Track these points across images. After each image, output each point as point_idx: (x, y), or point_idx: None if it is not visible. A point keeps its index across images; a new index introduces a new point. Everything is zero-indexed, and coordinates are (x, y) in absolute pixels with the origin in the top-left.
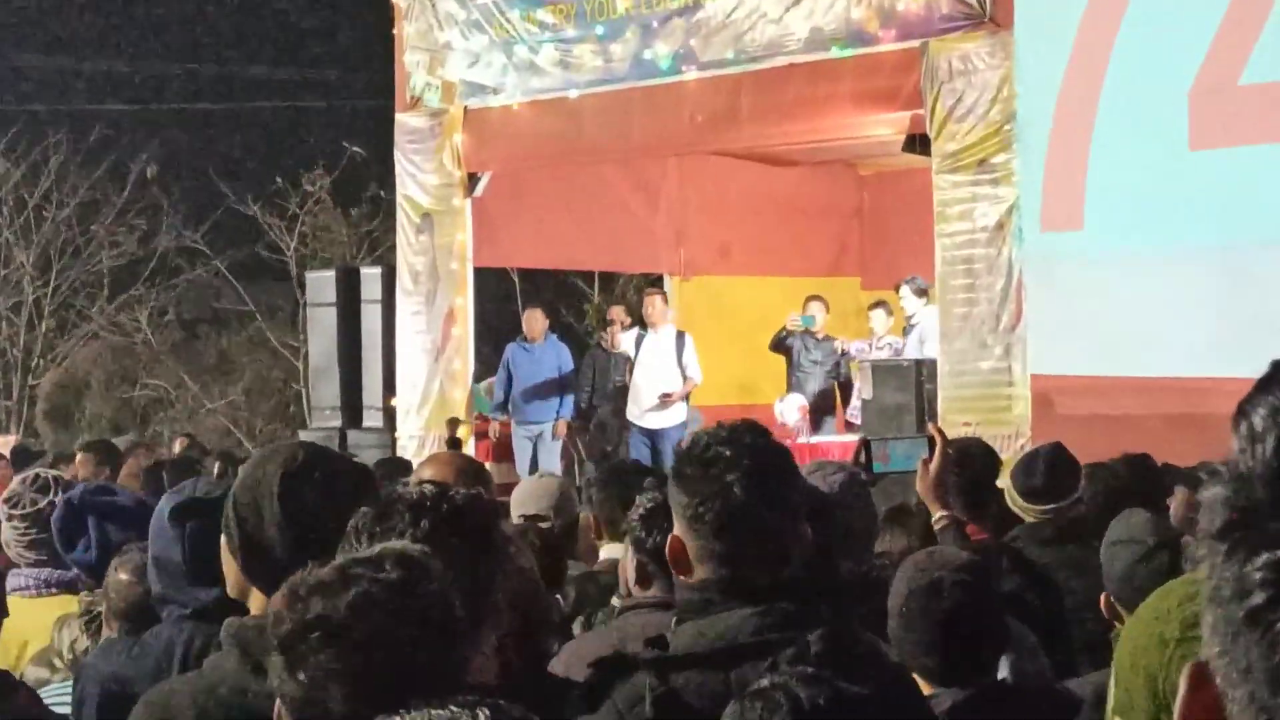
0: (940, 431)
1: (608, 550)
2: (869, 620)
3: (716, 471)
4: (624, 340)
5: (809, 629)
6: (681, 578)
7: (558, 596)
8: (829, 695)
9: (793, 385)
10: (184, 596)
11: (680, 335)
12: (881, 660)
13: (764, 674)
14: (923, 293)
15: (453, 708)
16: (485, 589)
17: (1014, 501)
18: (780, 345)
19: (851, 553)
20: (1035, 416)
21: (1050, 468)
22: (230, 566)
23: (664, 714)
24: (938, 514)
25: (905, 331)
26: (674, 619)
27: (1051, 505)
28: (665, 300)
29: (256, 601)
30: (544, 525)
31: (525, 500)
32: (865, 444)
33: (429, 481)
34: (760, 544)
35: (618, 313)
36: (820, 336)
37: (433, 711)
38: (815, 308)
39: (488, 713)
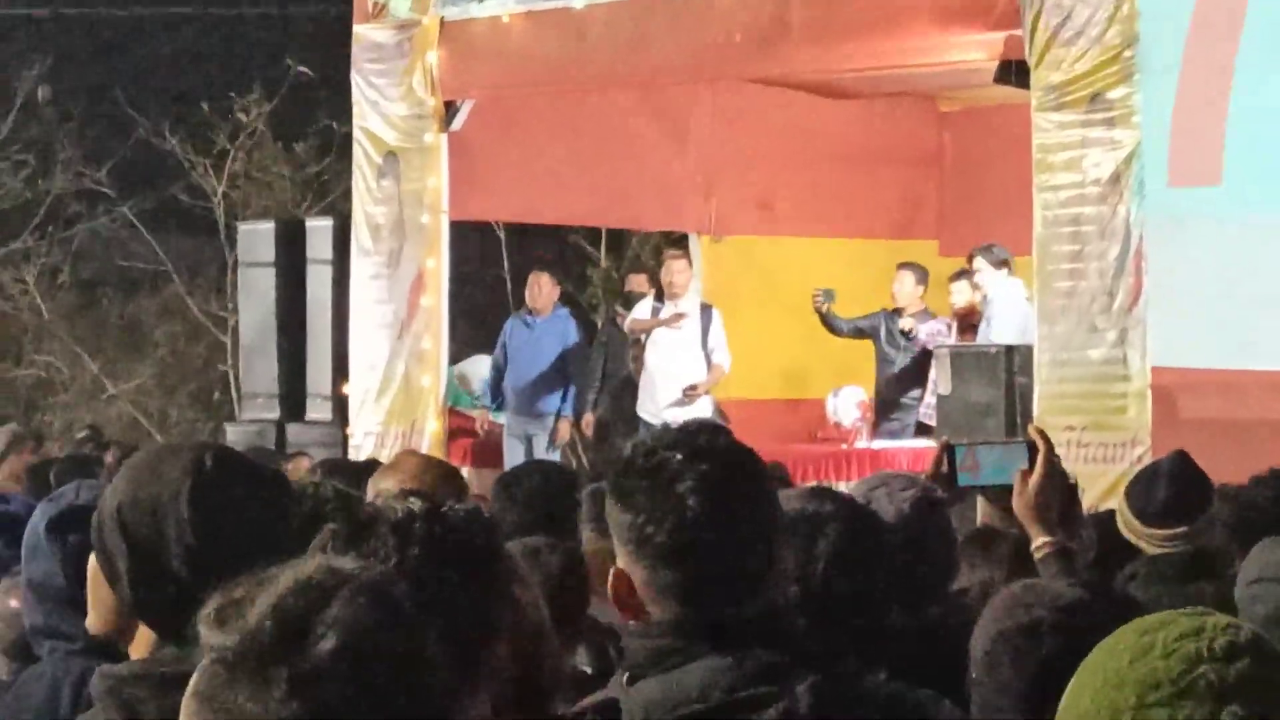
0: (1043, 435)
1: None
2: (942, 674)
3: (664, 481)
4: (638, 312)
5: (797, 679)
6: (631, 623)
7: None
8: None
9: (884, 381)
10: (69, 628)
11: (706, 310)
12: (900, 713)
13: None
14: (1004, 264)
15: None
16: (485, 634)
17: (1128, 527)
18: (859, 331)
19: (925, 592)
20: (1157, 420)
21: (1173, 481)
22: (104, 597)
23: None
24: (1039, 540)
25: (973, 317)
26: (624, 675)
27: (1176, 530)
28: (690, 265)
29: (142, 642)
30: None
31: None
32: (948, 449)
33: (413, 493)
34: (725, 571)
35: (639, 282)
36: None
37: None
38: (905, 277)
39: None
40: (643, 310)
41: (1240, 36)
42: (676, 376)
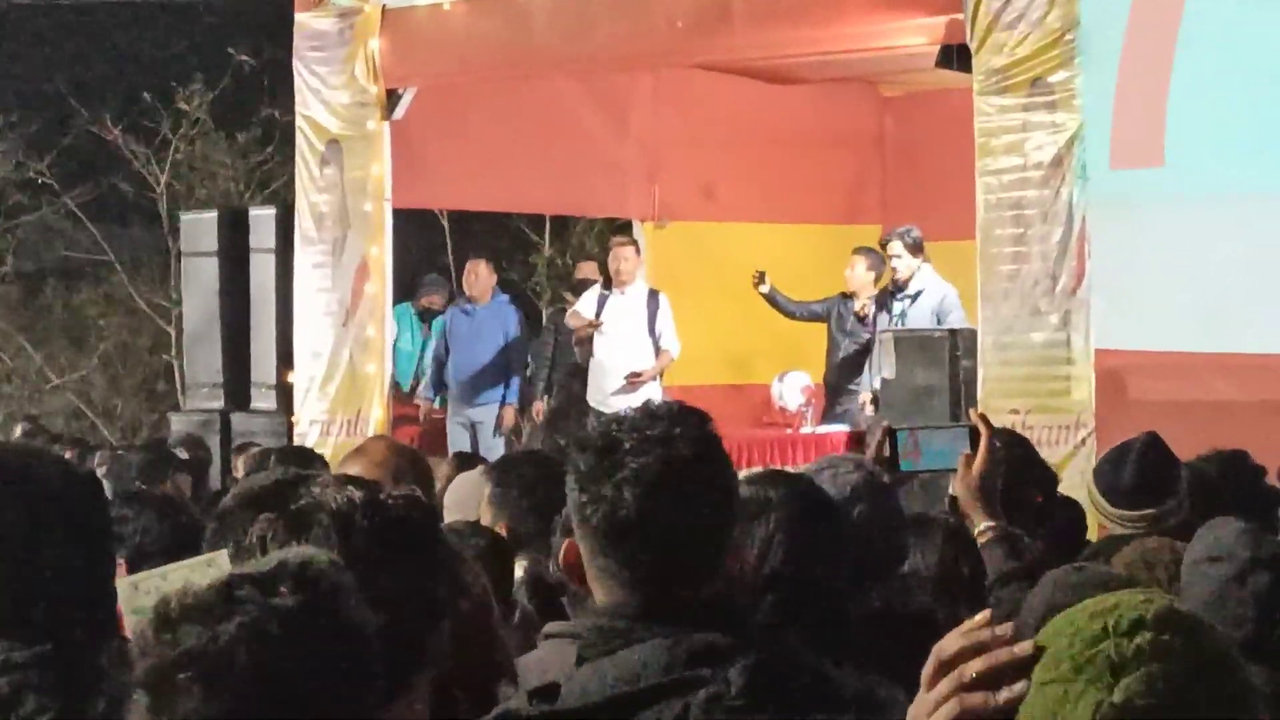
0: (985, 420)
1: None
2: (889, 658)
3: (609, 468)
4: (584, 303)
5: (732, 661)
6: (587, 601)
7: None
8: None
9: (833, 366)
10: None
11: (654, 295)
12: (832, 695)
13: None
14: (918, 246)
15: None
16: (427, 620)
17: (1097, 507)
18: (813, 314)
19: (871, 575)
20: (1101, 402)
21: (1141, 462)
22: None
23: None
24: (983, 524)
25: (890, 297)
26: (575, 658)
27: (1144, 512)
28: (638, 251)
29: None
30: (495, 534)
31: (465, 502)
32: (890, 434)
33: (355, 481)
34: (665, 559)
35: (589, 270)
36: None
37: None
38: (858, 263)
39: None
40: (589, 299)
41: (1181, 17)
42: (624, 364)
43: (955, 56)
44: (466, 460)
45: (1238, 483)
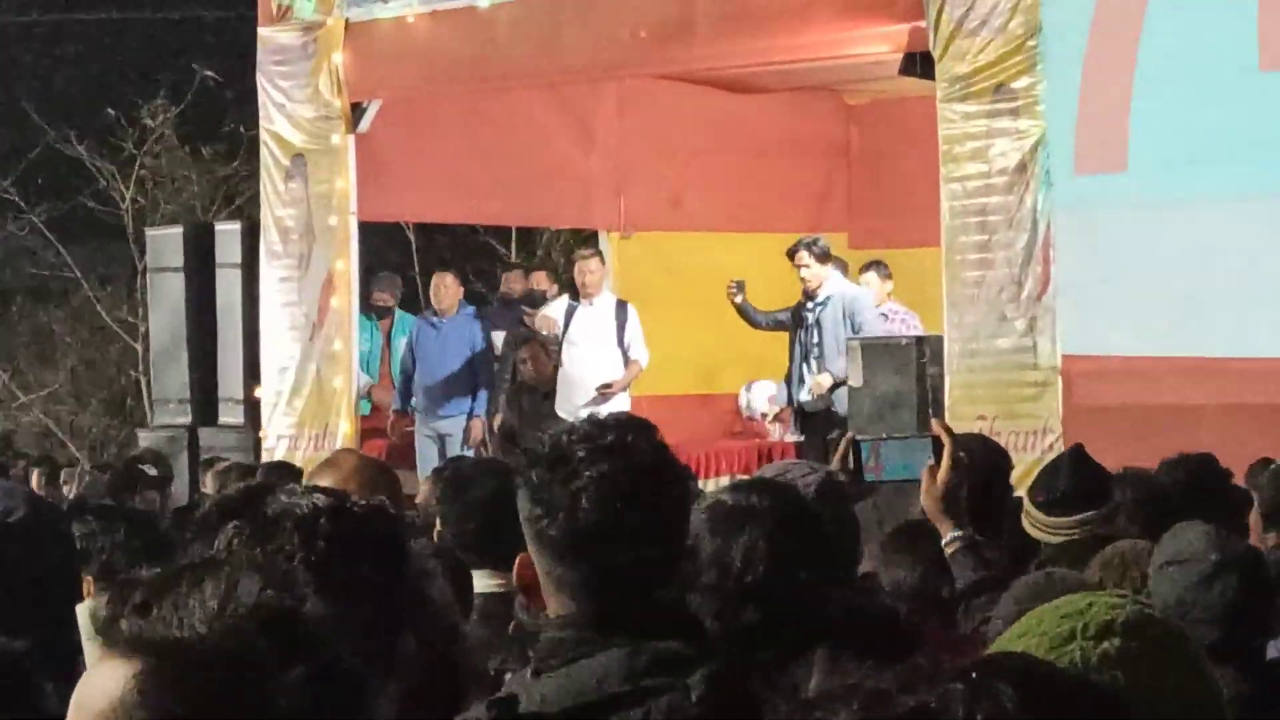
0: (948, 430)
1: None
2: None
3: (563, 476)
4: (553, 311)
5: (692, 670)
6: (541, 615)
7: None
8: None
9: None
10: None
11: (621, 306)
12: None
13: None
14: (826, 255)
15: None
16: (392, 628)
17: (1031, 521)
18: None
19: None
20: (1068, 408)
21: (1073, 471)
22: None
23: None
24: (949, 535)
25: (802, 307)
26: (529, 670)
27: (1078, 516)
28: (603, 263)
29: None
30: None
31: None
32: (854, 445)
33: (322, 490)
34: (620, 569)
35: (539, 279)
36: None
37: None
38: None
39: None
40: (557, 308)
41: (1143, 23)
42: (594, 375)
43: (919, 64)
44: None
45: (1206, 486)
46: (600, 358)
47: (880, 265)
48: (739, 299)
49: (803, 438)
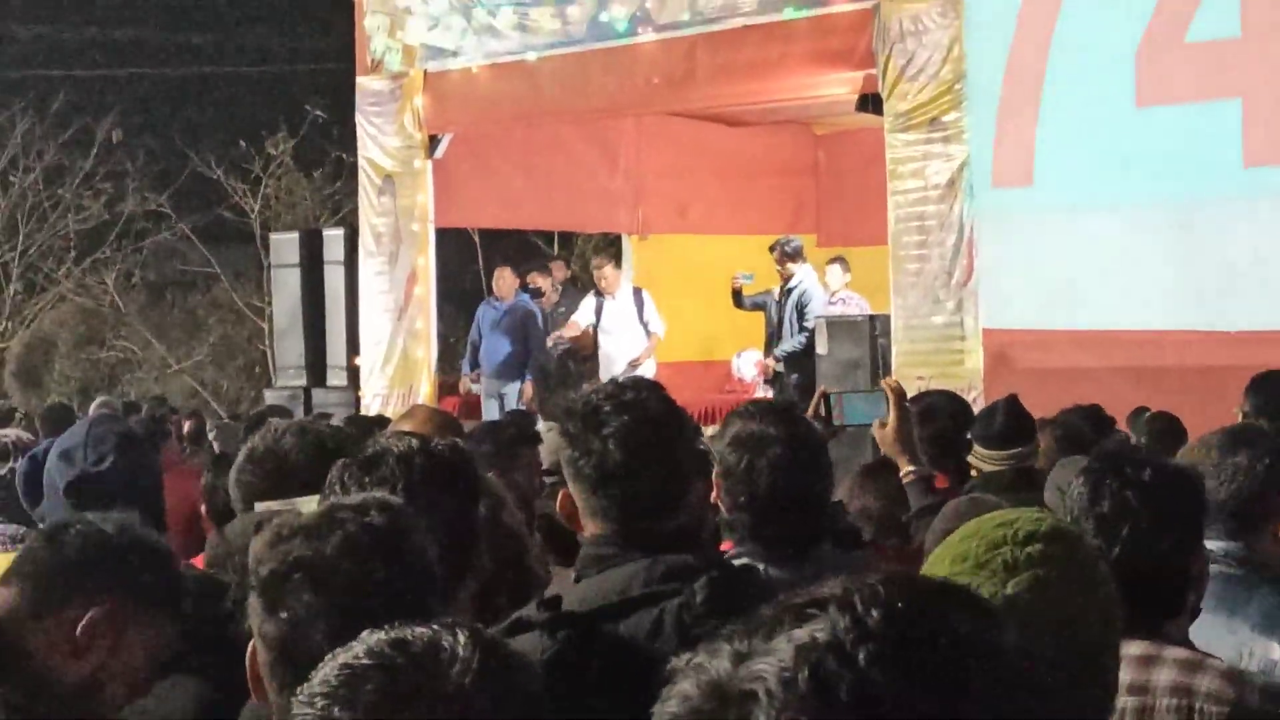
0: (894, 387)
1: None
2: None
3: (594, 425)
4: (583, 308)
5: (697, 578)
6: (582, 536)
7: None
8: None
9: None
10: None
11: (637, 293)
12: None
13: (650, 625)
14: (797, 252)
15: (434, 627)
16: (468, 539)
17: (974, 453)
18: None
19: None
20: (988, 370)
21: (1008, 415)
22: None
23: (555, 674)
24: (905, 469)
25: (780, 295)
26: (573, 575)
27: (1010, 451)
28: (616, 265)
29: None
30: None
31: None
32: (824, 397)
33: (411, 434)
34: (641, 497)
35: (558, 267)
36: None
37: (415, 629)
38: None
39: (467, 634)
40: (587, 307)
41: (1045, 71)
42: (625, 352)
43: (870, 103)
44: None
45: (1096, 430)
46: (629, 339)
47: (842, 260)
48: (738, 284)
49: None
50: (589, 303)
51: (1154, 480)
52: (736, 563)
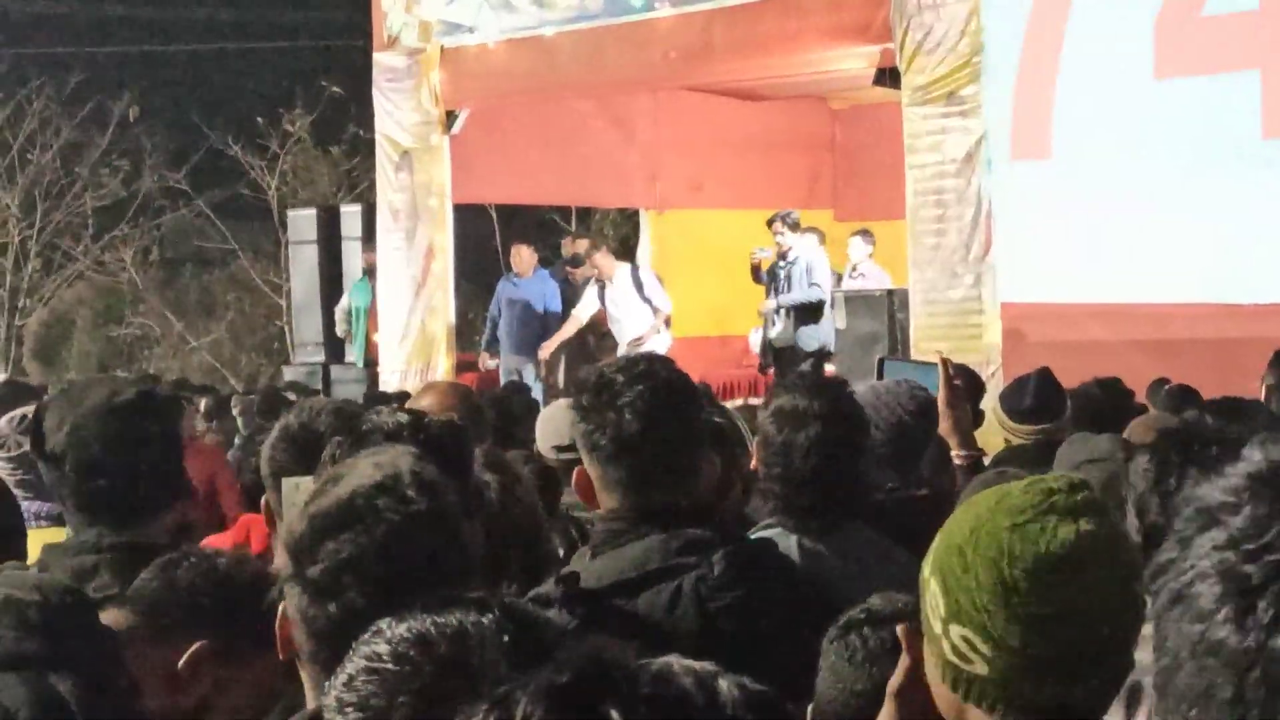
0: (945, 361)
1: None
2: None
3: (608, 399)
4: (586, 299)
5: (714, 551)
6: (596, 511)
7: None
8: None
9: None
10: None
11: (635, 271)
12: (792, 576)
13: (668, 597)
14: (797, 225)
15: (474, 613)
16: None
17: (1002, 424)
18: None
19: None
20: (1006, 344)
21: (1040, 389)
22: None
23: (574, 650)
24: (957, 452)
25: (776, 265)
26: (588, 552)
27: (1041, 426)
28: (608, 250)
29: None
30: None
31: (560, 431)
32: (880, 363)
33: (406, 410)
34: (657, 470)
35: (584, 244)
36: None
37: (456, 615)
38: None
39: (494, 615)
40: (590, 295)
41: (1063, 44)
42: (632, 329)
43: (889, 76)
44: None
45: (1115, 403)
46: (635, 318)
47: (865, 233)
48: (757, 260)
49: (774, 368)
50: (591, 291)
51: (1220, 457)
52: (768, 533)
